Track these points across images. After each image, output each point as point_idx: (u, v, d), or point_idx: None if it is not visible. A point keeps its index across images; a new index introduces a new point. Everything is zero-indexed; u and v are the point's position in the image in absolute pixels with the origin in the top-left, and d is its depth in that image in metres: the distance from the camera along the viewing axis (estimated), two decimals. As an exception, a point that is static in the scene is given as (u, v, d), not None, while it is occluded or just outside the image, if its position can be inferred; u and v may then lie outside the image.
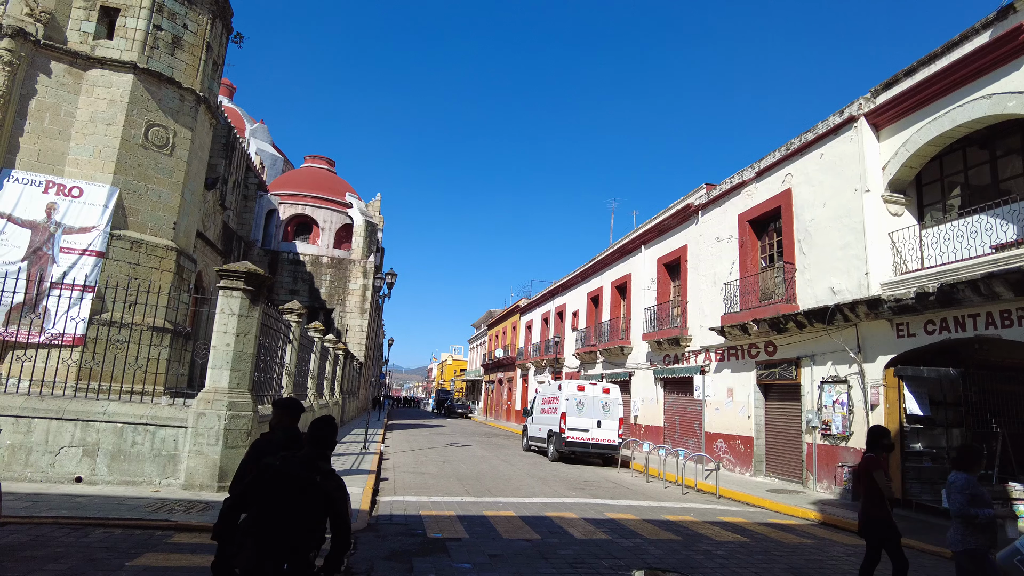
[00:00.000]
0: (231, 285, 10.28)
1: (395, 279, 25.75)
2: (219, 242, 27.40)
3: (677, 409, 22.49)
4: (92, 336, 14.84)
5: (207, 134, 20.18)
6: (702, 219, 21.84)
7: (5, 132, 15.92)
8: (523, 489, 13.81)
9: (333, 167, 44.51)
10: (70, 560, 6.35)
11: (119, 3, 17.47)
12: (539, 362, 39.34)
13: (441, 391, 79.76)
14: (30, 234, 15.62)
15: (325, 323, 31.23)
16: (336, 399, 23.98)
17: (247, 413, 10.13)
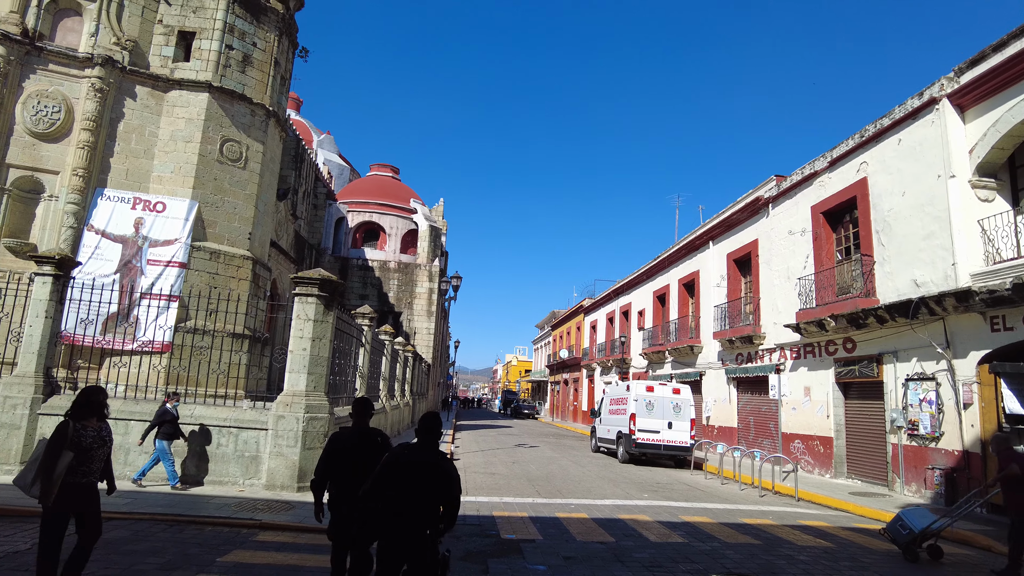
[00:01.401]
0: (306, 291, 10.62)
1: (460, 282, 26.06)
2: (292, 250, 28.41)
3: (751, 409, 21.83)
4: (178, 343, 15.66)
5: (277, 147, 20.97)
6: (773, 212, 21.13)
7: (98, 154, 17.01)
8: (594, 491, 13.69)
9: (397, 174, 45.45)
10: (167, 554, 6.70)
11: (195, 27, 18.39)
12: (605, 362, 38.97)
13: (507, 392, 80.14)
14: (121, 248, 16.61)
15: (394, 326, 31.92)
16: (407, 400, 24.44)
17: (324, 415, 10.44)
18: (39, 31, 17.03)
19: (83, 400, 5.18)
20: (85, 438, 5.04)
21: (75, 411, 5.12)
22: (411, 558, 4.29)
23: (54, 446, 4.86)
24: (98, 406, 5.24)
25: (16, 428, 10.36)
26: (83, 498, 5.06)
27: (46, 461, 4.84)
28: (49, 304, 10.93)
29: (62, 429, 4.95)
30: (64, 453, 4.85)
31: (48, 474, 4.79)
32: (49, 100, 16.79)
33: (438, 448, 4.61)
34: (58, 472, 4.81)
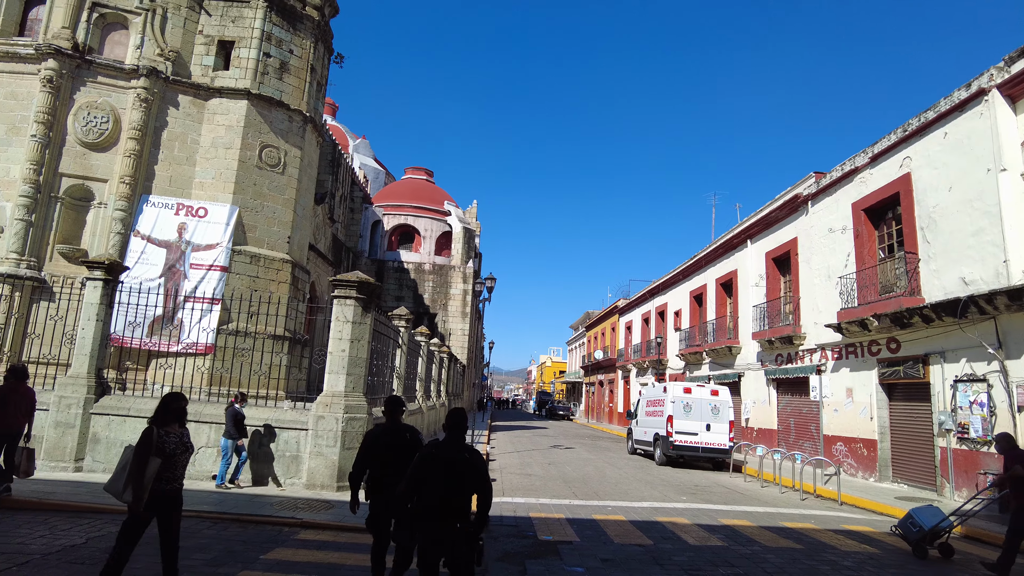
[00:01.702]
0: (344, 294, 10.79)
1: (494, 283, 26.14)
2: (329, 253, 28.88)
3: (791, 411, 21.40)
4: (220, 345, 16.05)
5: (314, 152, 21.34)
6: (812, 210, 20.69)
7: (143, 162, 17.56)
8: (631, 493, 13.59)
9: (432, 177, 45.83)
10: (213, 551, 6.87)
11: (234, 36, 18.84)
12: (641, 363, 38.64)
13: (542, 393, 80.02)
14: (165, 253, 17.11)
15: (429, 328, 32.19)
16: (443, 400, 24.61)
17: (362, 416, 10.59)
18: (89, 45, 17.65)
19: (165, 406, 5.25)
20: (168, 444, 5.10)
21: (158, 417, 5.19)
22: (448, 549, 4.58)
23: (141, 452, 4.94)
24: (179, 412, 5.32)
25: (71, 427, 10.75)
26: (169, 504, 5.15)
27: (135, 468, 4.92)
28: (100, 307, 11.32)
29: (147, 435, 5.03)
30: (152, 459, 4.93)
31: (138, 480, 4.88)
32: (98, 111, 17.39)
33: (465, 443, 4.91)
34: (147, 478, 4.90)
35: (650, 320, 39.31)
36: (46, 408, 10.89)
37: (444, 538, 4.57)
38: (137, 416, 10.86)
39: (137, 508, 4.89)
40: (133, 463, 4.94)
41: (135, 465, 4.92)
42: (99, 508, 8.34)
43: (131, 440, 10.67)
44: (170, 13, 18.35)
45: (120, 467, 5.08)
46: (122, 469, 5.04)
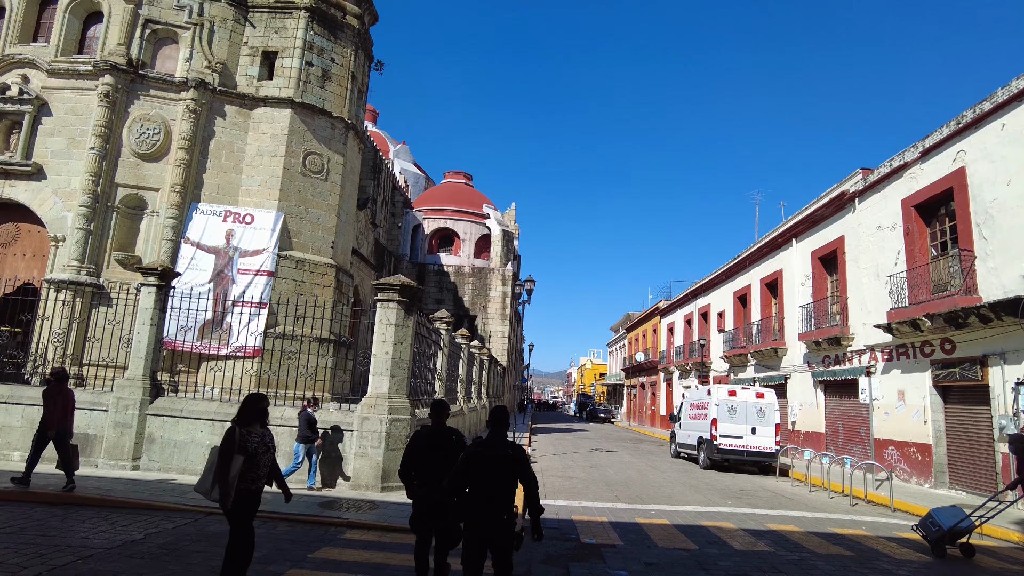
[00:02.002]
0: (387, 297, 10.95)
1: (533, 286, 26.16)
2: (372, 257, 29.32)
3: (840, 414, 20.83)
4: (267, 348, 16.46)
5: (356, 158, 21.71)
6: (859, 207, 20.12)
7: (192, 171, 18.14)
8: (675, 497, 13.43)
9: (470, 180, 46.14)
10: (262, 549, 7.05)
11: (277, 46, 19.32)
12: (683, 366, 38.13)
13: (582, 395, 79.64)
14: (214, 259, 17.63)
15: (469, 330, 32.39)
16: (483, 402, 24.73)
17: (406, 417, 10.73)
18: (142, 60, 18.34)
19: (247, 407, 5.36)
20: (251, 444, 5.22)
21: (240, 418, 5.31)
22: (493, 538, 4.93)
23: (225, 451, 5.09)
24: (261, 413, 5.41)
25: (128, 427, 11.17)
26: (253, 504, 5.28)
27: (220, 467, 5.06)
28: (154, 312, 11.74)
29: (230, 435, 5.16)
30: (235, 457, 5.06)
31: (224, 479, 5.02)
32: (150, 123, 18.04)
33: (507, 439, 5.24)
34: (232, 476, 5.03)
35: (693, 321, 38.77)
36: (105, 409, 11.34)
37: (489, 527, 4.92)
38: (189, 417, 11.23)
39: (225, 504, 5.03)
40: (218, 462, 5.08)
41: (220, 464, 5.06)
42: (155, 505, 8.64)
43: (183, 440, 11.05)
44: (217, 26, 18.93)
45: (208, 467, 5.22)
46: (209, 469, 5.17)
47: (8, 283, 16.06)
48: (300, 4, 19.32)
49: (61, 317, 16.11)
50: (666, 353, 43.78)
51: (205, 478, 5.17)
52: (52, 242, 17.42)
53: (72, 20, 18.75)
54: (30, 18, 18.97)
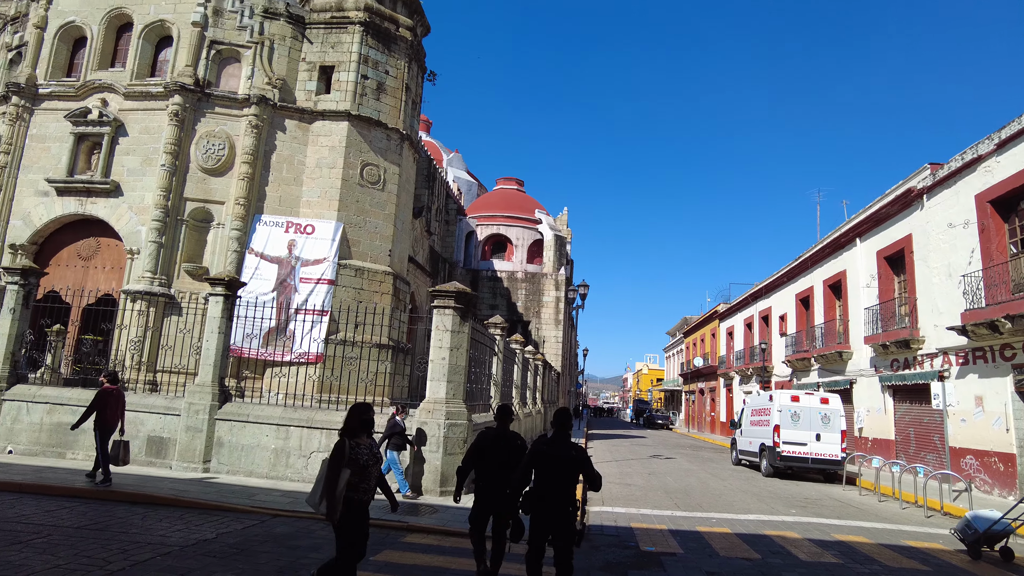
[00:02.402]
0: (443, 304, 11.11)
1: (587, 290, 26.04)
2: (427, 264, 29.78)
3: (911, 420, 19.92)
4: (329, 354, 16.92)
5: (411, 168, 22.12)
6: (928, 204, 19.25)
7: (255, 184, 18.85)
8: (736, 505, 13.11)
9: (522, 186, 46.33)
10: (325, 551, 7.24)
11: (333, 61, 19.90)
12: (744, 371, 37.21)
13: (639, 401, 78.64)
14: (277, 268, 18.25)
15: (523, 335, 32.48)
16: (538, 408, 24.73)
17: (463, 422, 10.84)
18: (208, 79, 19.20)
19: (355, 418, 5.27)
20: (360, 455, 5.14)
21: (348, 429, 5.24)
22: (556, 530, 5.36)
23: (334, 464, 5.04)
24: (368, 423, 5.33)
25: (199, 431, 11.66)
26: (364, 515, 5.23)
27: (329, 479, 5.01)
28: (221, 321, 12.23)
29: (339, 447, 5.10)
30: (343, 471, 5.01)
31: (331, 491, 4.97)
32: (216, 139, 18.85)
33: (570, 440, 5.59)
34: (340, 489, 4.98)
35: (753, 325, 37.81)
36: (178, 413, 11.88)
37: (553, 520, 5.34)
38: (255, 422, 11.63)
39: (332, 518, 4.98)
40: (327, 475, 5.03)
41: (329, 476, 5.00)
42: (225, 507, 9.00)
43: (250, 444, 11.46)
44: (276, 44, 19.63)
45: (317, 480, 5.17)
46: (319, 482, 5.12)
47: (91, 294, 17.01)
48: (355, 19, 19.85)
49: (137, 326, 16.98)
50: (725, 358, 42.81)
51: (315, 491, 5.11)
52: (128, 255, 18.38)
53: (145, 45, 19.79)
54: (108, 45, 20.12)
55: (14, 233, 19.02)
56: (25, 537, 6.93)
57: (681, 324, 65.41)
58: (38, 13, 20.22)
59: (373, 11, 20.15)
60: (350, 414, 5.30)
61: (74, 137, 19.15)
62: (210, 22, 19.47)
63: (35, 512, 8.18)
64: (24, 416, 12.66)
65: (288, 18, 19.81)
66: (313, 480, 11.05)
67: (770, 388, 28.32)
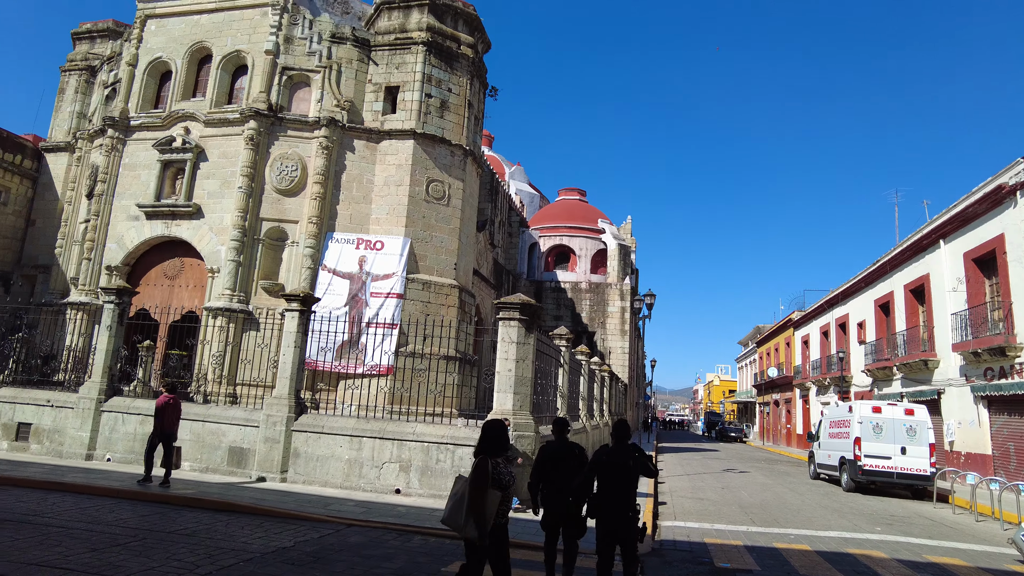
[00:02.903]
0: (508, 315, 11.18)
1: (653, 300, 25.64)
2: (491, 277, 30.06)
3: (1009, 434, 18.59)
4: (399, 366, 17.28)
5: (475, 182, 22.44)
6: (1022, 201, 18.04)
7: (327, 203, 19.54)
8: (815, 521, 12.57)
9: (584, 196, 46.20)
10: (398, 561, 7.38)
11: (398, 81, 20.47)
12: (821, 381, 35.70)
13: (710, 413, 76.56)
14: (349, 284, 18.83)
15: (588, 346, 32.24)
16: (605, 420, 24.45)
17: (530, 434, 10.85)
18: (280, 104, 20.11)
19: (494, 435, 4.96)
20: (503, 476, 4.88)
21: (489, 447, 4.92)
22: (620, 531, 5.83)
23: (479, 484, 4.73)
24: (505, 441, 5.03)
25: (276, 442, 12.12)
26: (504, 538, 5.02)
27: (475, 501, 4.70)
28: (297, 335, 12.70)
29: (483, 467, 4.79)
30: (491, 492, 4.74)
31: (480, 513, 4.69)
32: (289, 161, 19.68)
33: (629, 449, 6.12)
34: (488, 511, 4.71)
35: (829, 333, 36.29)
36: (256, 425, 12.37)
37: (616, 523, 5.81)
38: (329, 433, 11.99)
39: (483, 542, 4.71)
40: (472, 496, 4.72)
41: (475, 497, 4.69)
42: (302, 515, 9.30)
43: (325, 455, 11.80)
44: (343, 67, 20.38)
45: (456, 500, 4.85)
46: (459, 501, 4.81)
47: (176, 311, 18.01)
48: (418, 39, 20.38)
49: (218, 341, 17.84)
50: (801, 367, 41.22)
51: (455, 512, 4.80)
52: (209, 273, 19.37)
53: (223, 75, 20.93)
54: (190, 77, 21.40)
55: (110, 255, 20.39)
56: (123, 540, 7.37)
57: (754, 333, 63.45)
58: (130, 52, 21.73)
59: (435, 31, 20.65)
60: (487, 431, 4.99)
61: (160, 164, 20.41)
62: (281, 49, 20.41)
63: (131, 516, 8.68)
64: (120, 426, 13.48)
65: (354, 42, 20.53)
66: (385, 489, 11.29)
67: (849, 399, 27.05)
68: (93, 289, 19.96)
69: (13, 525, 7.74)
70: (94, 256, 20.42)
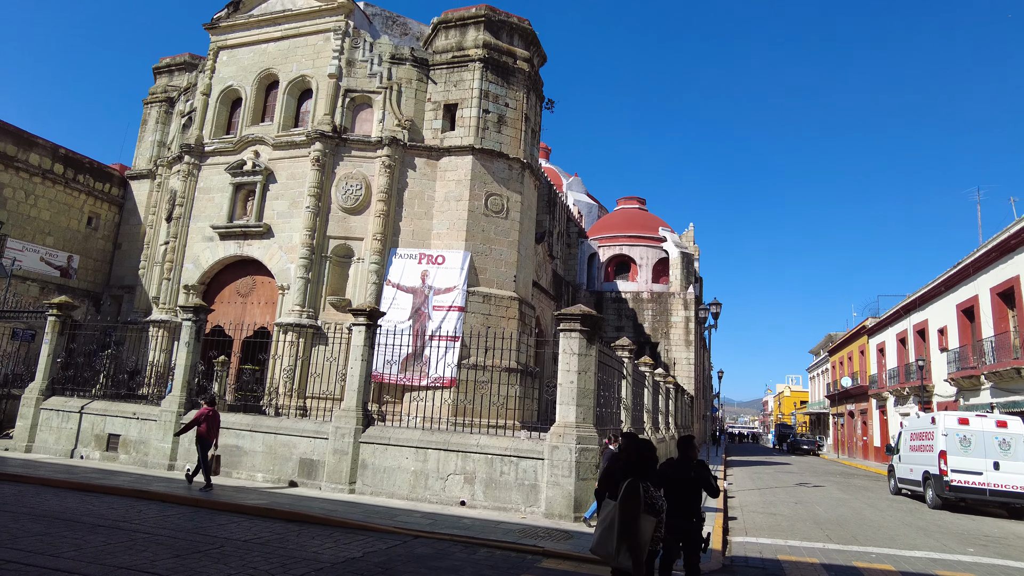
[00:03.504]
0: (569, 327, 11.14)
1: (719, 309, 25.04)
2: (550, 288, 30.03)
3: (1116, 446, 17.16)
4: (461, 378, 17.47)
5: (533, 195, 22.54)
6: (1123, 196, 16.74)
7: (390, 220, 20.01)
8: (898, 540, 11.91)
9: (644, 205, 45.67)
10: (465, 573, 7.40)
11: (456, 99, 20.83)
12: (899, 390, 33.96)
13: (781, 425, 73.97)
14: (412, 298, 19.18)
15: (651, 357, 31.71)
16: (671, 433, 23.95)
17: (594, 447, 10.74)
18: (344, 126, 20.79)
19: (647, 456, 4.77)
20: (657, 501, 4.67)
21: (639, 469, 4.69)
22: (684, 537, 6.31)
23: (631, 509, 4.46)
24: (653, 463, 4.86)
25: (345, 454, 12.41)
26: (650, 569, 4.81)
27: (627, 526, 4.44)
28: (364, 349, 13.01)
29: (634, 491, 4.55)
30: (645, 518, 4.52)
31: (634, 541, 4.43)
32: (353, 180, 20.28)
33: (692, 464, 6.63)
34: (644, 540, 4.47)
35: (907, 340, 34.53)
36: (326, 437, 12.71)
37: (682, 528, 6.28)
38: (396, 445, 12.19)
39: (639, 573, 4.46)
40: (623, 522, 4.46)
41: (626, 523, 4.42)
42: (370, 527, 9.47)
43: (391, 466, 11.99)
44: (404, 87, 20.90)
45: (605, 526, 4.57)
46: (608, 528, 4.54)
47: (248, 327, 18.76)
48: (474, 56, 20.72)
49: (288, 355, 18.46)
50: (877, 377, 39.34)
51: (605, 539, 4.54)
52: (279, 291, 20.10)
53: (289, 100, 21.81)
54: (259, 103, 22.40)
55: (187, 275, 21.45)
56: (203, 547, 7.68)
57: (825, 342, 61.03)
58: (204, 82, 22.94)
59: (491, 47, 20.94)
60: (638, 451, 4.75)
61: (232, 187, 21.39)
62: (344, 72, 21.11)
63: (210, 525, 9.05)
64: (198, 439, 14.09)
65: (413, 62, 21.04)
66: (450, 501, 11.37)
67: (931, 409, 25.63)
68: (172, 307, 21.03)
69: (105, 530, 8.20)
70: (173, 276, 21.54)
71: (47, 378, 16.20)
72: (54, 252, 24.34)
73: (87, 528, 8.29)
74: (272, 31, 22.41)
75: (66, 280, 24.66)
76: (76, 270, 25.13)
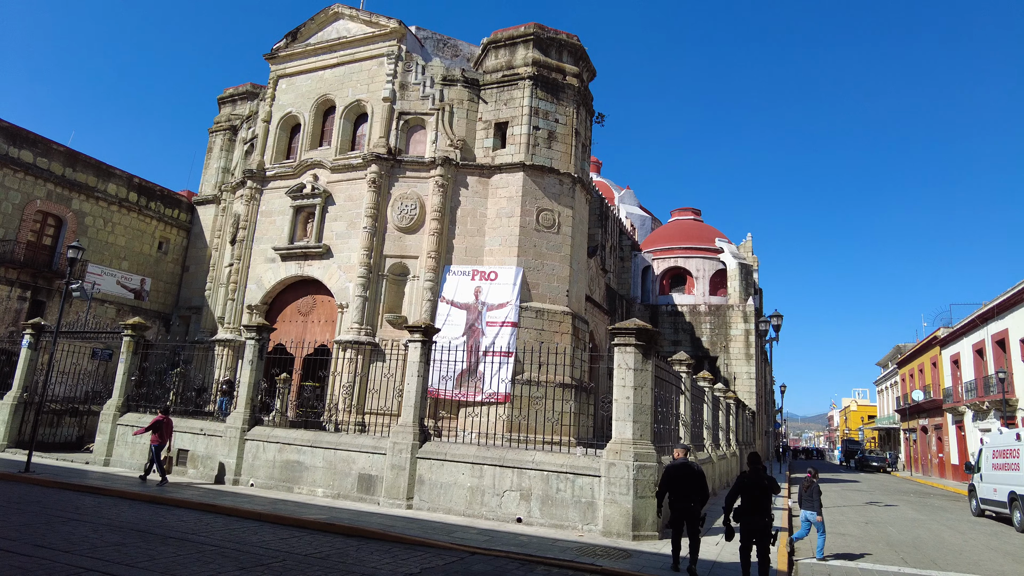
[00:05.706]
0: (624, 342, 11.01)
1: (781, 321, 24.33)
2: (604, 302, 29.79)
3: None
4: (515, 394, 17.48)
5: (584, 209, 22.49)
6: None
7: (443, 238, 20.32)
8: (983, 565, 11.21)
9: (699, 216, 44.91)
10: (523, 590, 7.36)
11: (507, 117, 21.06)
12: (978, 404, 32.12)
13: (848, 441, 70.94)
14: (466, 314, 19.37)
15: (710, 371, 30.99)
16: (733, 449, 23.31)
17: (652, 464, 10.54)
18: (398, 147, 21.30)
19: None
20: None
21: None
22: (758, 534, 7.79)
23: None
24: None
25: (402, 469, 12.55)
26: None
27: None
28: (420, 365, 13.18)
29: None
30: None
31: None
32: (408, 200, 20.71)
33: (763, 474, 8.04)
34: None
35: (984, 351, 32.68)
36: (384, 453, 12.88)
37: (754, 528, 7.74)
38: (452, 461, 12.26)
39: None
40: None
41: None
42: (427, 542, 9.53)
43: (448, 482, 12.04)
44: (455, 108, 21.28)
45: None
46: None
47: (309, 345, 19.27)
48: (524, 74, 20.93)
49: (347, 372, 18.86)
50: (952, 390, 37.34)
51: None
52: (339, 309, 20.62)
53: (346, 124, 22.50)
54: (317, 128, 23.20)
55: (250, 295, 22.26)
56: (266, 560, 7.88)
57: (893, 353, 58.38)
58: (265, 109, 23.92)
59: (540, 64, 21.12)
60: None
61: (293, 210, 22.14)
62: (397, 96, 21.66)
63: (273, 539, 9.29)
64: (261, 454, 14.52)
65: (464, 82, 21.42)
66: (506, 518, 11.33)
67: (1016, 425, 24.09)
68: (236, 327, 21.83)
69: (175, 542, 8.52)
70: (237, 296, 22.38)
71: (123, 395, 17.02)
72: (129, 275, 25.68)
73: (159, 539, 8.63)
74: (328, 58, 23.22)
75: (139, 302, 25.95)
76: (148, 292, 26.43)
